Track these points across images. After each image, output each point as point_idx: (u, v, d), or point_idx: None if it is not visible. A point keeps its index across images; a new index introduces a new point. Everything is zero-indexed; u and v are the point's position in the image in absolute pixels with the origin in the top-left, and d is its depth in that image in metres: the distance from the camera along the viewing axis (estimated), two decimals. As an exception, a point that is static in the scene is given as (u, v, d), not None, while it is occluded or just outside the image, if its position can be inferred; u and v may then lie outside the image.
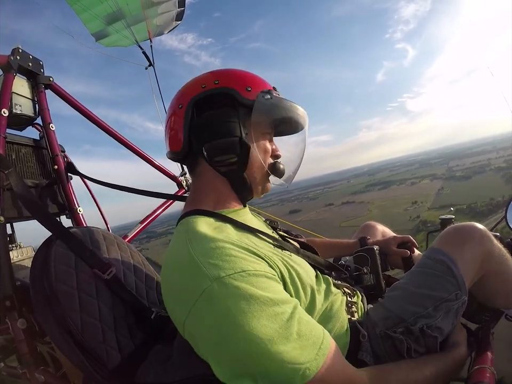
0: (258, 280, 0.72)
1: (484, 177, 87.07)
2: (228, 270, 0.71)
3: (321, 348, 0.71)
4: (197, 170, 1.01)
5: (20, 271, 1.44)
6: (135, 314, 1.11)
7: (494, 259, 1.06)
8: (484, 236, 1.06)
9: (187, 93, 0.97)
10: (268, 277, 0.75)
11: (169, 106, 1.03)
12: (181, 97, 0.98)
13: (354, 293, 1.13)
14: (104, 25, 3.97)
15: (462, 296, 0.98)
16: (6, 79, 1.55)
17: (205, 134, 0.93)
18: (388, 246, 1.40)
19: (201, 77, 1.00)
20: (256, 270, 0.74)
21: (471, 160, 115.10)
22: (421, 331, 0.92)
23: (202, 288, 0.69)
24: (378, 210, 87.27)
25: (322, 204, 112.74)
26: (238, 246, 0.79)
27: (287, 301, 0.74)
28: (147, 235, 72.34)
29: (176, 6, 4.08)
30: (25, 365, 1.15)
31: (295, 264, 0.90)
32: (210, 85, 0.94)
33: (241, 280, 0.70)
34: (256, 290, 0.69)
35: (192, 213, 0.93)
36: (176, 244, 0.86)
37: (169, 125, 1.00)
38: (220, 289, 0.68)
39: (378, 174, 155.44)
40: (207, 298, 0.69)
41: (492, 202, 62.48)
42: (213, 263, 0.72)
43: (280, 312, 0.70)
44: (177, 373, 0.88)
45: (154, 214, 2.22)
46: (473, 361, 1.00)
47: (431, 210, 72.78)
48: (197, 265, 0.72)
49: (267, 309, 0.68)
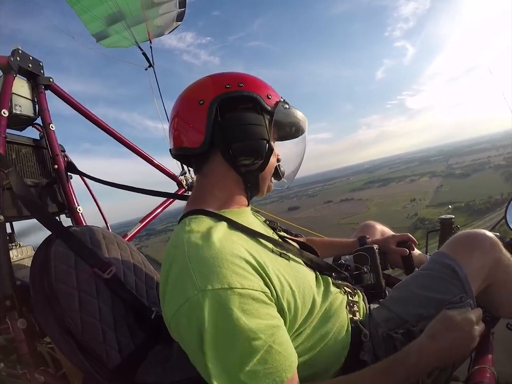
0: (243, 301, 0.72)
1: (483, 175, 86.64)
2: (216, 283, 0.71)
3: (286, 371, 0.71)
4: (206, 168, 0.99)
5: (19, 270, 1.44)
6: (135, 314, 1.11)
7: (503, 268, 1.05)
8: (493, 244, 1.05)
9: (209, 90, 0.96)
10: (254, 297, 0.74)
11: (183, 101, 1.00)
12: (201, 93, 0.96)
13: (355, 292, 1.13)
14: (105, 26, 3.96)
15: (467, 300, 0.95)
16: (6, 80, 1.56)
17: (234, 134, 0.92)
18: (387, 244, 1.40)
19: (223, 77, 0.99)
20: (244, 288, 0.73)
21: (470, 157, 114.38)
22: (421, 332, 0.89)
23: (187, 296, 0.71)
24: (377, 208, 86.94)
25: (321, 201, 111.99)
26: (235, 255, 0.78)
27: (264, 329, 0.72)
28: (146, 232, 72.25)
29: (176, 7, 4.07)
30: (25, 365, 1.15)
31: (293, 271, 0.90)
32: (235, 86, 0.94)
33: (225, 297, 0.70)
34: (236, 313, 0.69)
35: (195, 212, 0.93)
36: (175, 243, 0.86)
37: (184, 120, 0.97)
38: (203, 301, 0.69)
39: (377, 171, 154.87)
40: (189, 307, 0.70)
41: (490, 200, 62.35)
42: (204, 273, 0.73)
43: (252, 338, 0.69)
44: (177, 373, 0.88)
45: (154, 213, 2.23)
46: (473, 361, 1.00)
47: (429, 208, 72.37)
48: (188, 272, 0.74)
49: (241, 334, 0.69)
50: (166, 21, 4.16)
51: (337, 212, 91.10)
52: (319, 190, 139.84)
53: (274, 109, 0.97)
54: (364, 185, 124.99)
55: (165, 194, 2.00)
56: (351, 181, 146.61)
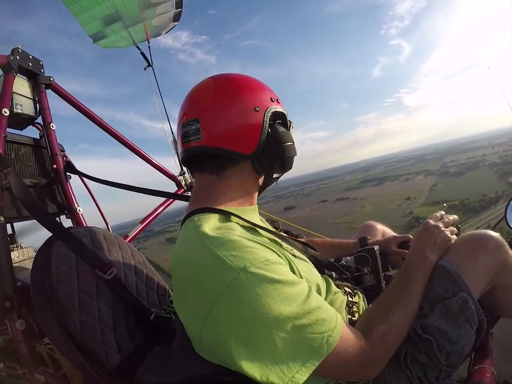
0: (278, 267, 0.78)
1: (478, 173, 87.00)
2: (252, 260, 0.75)
3: (337, 317, 0.79)
4: (229, 171, 0.98)
5: (21, 271, 1.44)
6: (135, 315, 1.11)
7: (508, 270, 1.03)
8: (498, 246, 1.02)
9: (261, 98, 0.98)
10: (283, 264, 0.82)
11: (229, 102, 0.96)
12: (253, 100, 0.96)
13: (355, 293, 1.13)
14: (102, 26, 3.95)
15: (460, 293, 0.94)
16: (6, 79, 1.55)
17: (280, 147, 0.97)
18: (388, 246, 1.40)
19: (264, 86, 1.03)
20: (276, 258, 0.82)
21: (466, 155, 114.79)
22: (415, 332, 0.91)
23: (228, 280, 0.72)
24: (372, 207, 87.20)
25: (317, 200, 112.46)
26: (252, 240, 0.83)
27: (302, 281, 0.82)
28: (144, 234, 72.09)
29: (173, 7, 4.07)
30: (25, 365, 1.15)
31: (302, 265, 0.93)
32: (275, 102, 1.01)
33: (265, 268, 0.75)
34: (278, 276, 0.75)
35: (202, 210, 0.93)
36: (188, 240, 0.86)
37: (233, 122, 0.94)
38: (247, 279, 0.72)
39: (373, 170, 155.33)
40: (234, 289, 0.72)
41: (485, 198, 62.37)
42: (236, 255, 0.75)
43: (301, 291, 0.77)
44: (177, 374, 0.88)
45: (154, 214, 2.22)
46: (473, 361, 1.00)
47: (424, 206, 72.57)
48: (219, 258, 0.75)
49: (290, 290, 0.75)
50: (163, 21, 4.17)
51: (332, 211, 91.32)
52: (315, 189, 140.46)
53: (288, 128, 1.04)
54: (359, 184, 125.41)
55: (165, 194, 2.00)
56: (347, 180, 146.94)
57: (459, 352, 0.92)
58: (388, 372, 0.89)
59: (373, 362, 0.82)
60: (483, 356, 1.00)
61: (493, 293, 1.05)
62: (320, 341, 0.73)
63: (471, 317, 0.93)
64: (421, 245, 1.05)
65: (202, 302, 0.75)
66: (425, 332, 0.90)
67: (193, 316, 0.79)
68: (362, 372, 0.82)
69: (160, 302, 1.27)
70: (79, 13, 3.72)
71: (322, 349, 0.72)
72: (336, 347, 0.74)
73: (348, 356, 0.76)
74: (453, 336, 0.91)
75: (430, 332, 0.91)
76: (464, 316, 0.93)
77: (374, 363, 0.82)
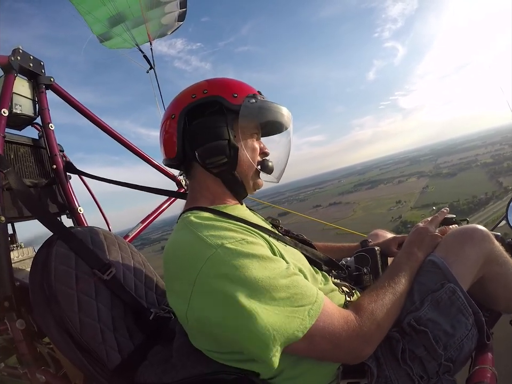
0: (256, 246, 0.83)
1: (469, 174, 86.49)
2: (229, 238, 0.80)
3: (318, 293, 0.82)
4: (191, 173, 1.08)
5: (20, 271, 1.43)
6: (134, 315, 1.11)
7: (495, 260, 1.05)
8: (484, 237, 1.05)
9: (179, 103, 1.05)
10: (262, 245, 0.86)
11: (163, 116, 1.10)
12: (173, 108, 1.06)
13: (353, 293, 1.12)
14: (107, 28, 3.96)
15: (448, 284, 0.96)
16: (7, 79, 1.55)
17: (197, 139, 1.00)
18: (389, 247, 1.40)
19: (192, 87, 1.07)
20: (255, 239, 0.85)
21: (459, 156, 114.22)
22: (409, 326, 0.91)
23: (207, 255, 0.77)
24: (362, 211, 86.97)
25: (310, 206, 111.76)
26: (234, 225, 0.89)
27: (279, 259, 0.85)
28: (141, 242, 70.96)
29: (178, 7, 4.10)
30: (25, 365, 1.15)
31: (289, 253, 0.95)
32: (200, 94, 1.02)
33: (241, 246, 0.79)
34: (255, 252, 0.79)
35: (191, 209, 1.00)
36: (177, 232, 0.92)
37: (163, 134, 1.07)
38: (224, 254, 0.77)
39: (368, 173, 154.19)
40: (212, 264, 0.76)
41: (474, 200, 61.64)
42: (215, 234, 0.81)
43: (278, 266, 0.81)
44: (177, 373, 0.89)
45: (155, 214, 2.22)
46: (474, 361, 0.99)
47: (414, 210, 72.53)
48: (199, 237, 0.81)
49: (267, 264, 0.79)
50: (168, 21, 4.19)
51: (324, 217, 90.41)
52: (310, 194, 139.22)
53: (240, 106, 1.01)
54: (353, 187, 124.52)
55: (165, 192, 2.02)
56: (342, 183, 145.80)
57: (457, 345, 0.92)
58: (388, 371, 0.89)
59: (362, 336, 0.82)
60: (483, 356, 0.99)
61: (484, 285, 1.08)
62: (302, 313, 0.76)
63: (463, 307, 0.94)
64: (408, 244, 1.11)
65: (186, 280, 0.78)
66: (419, 324, 0.91)
67: (179, 297, 0.82)
68: (354, 347, 0.82)
69: (159, 302, 1.28)
70: (85, 14, 3.73)
71: (305, 321, 0.75)
72: (319, 319, 0.77)
73: (334, 328, 0.79)
74: (447, 327, 0.92)
75: (424, 323, 0.92)
76: (455, 306, 0.94)
77: (364, 337, 0.82)
